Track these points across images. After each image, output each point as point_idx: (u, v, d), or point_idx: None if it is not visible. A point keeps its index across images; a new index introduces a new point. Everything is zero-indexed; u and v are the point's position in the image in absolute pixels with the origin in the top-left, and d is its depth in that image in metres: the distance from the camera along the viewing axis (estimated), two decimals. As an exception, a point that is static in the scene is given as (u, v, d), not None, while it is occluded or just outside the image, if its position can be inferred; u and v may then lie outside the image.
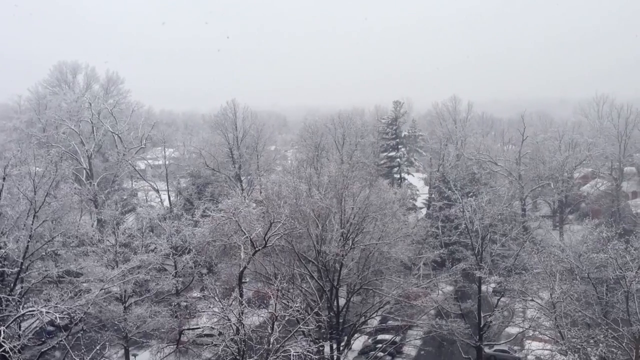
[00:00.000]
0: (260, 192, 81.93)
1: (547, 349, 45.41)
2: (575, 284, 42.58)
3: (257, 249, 42.45)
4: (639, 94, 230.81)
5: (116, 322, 45.33)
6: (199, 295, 56.56)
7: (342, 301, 49.07)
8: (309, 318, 36.15)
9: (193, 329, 47.63)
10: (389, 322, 57.25)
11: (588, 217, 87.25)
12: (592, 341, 37.53)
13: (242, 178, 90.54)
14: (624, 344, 38.51)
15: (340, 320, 47.50)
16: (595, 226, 48.94)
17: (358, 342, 54.55)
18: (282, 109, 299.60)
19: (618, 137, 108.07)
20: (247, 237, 42.06)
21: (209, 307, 37.33)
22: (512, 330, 52.19)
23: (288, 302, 37.95)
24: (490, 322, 49.00)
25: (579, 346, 36.92)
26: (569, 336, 37.95)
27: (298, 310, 34.22)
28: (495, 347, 53.17)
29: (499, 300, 50.10)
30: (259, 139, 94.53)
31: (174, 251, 52.97)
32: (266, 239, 42.16)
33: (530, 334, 51.06)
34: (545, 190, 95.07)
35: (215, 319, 36.79)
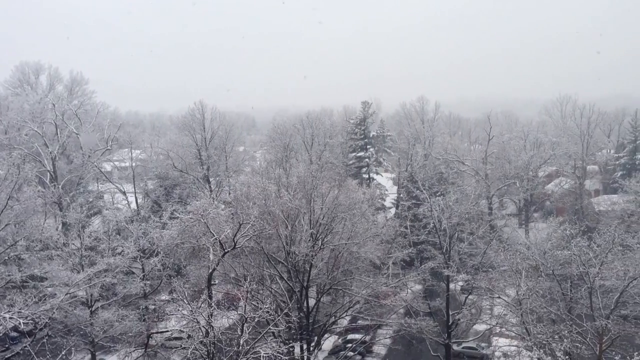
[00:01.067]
0: (229, 194, 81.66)
1: (513, 345, 46.10)
2: (541, 280, 43.33)
3: (226, 250, 42.20)
4: (601, 94, 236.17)
5: (82, 327, 44.57)
6: (167, 298, 55.90)
7: (312, 301, 49.05)
8: (278, 319, 36.01)
9: (161, 332, 47.09)
10: (359, 321, 57.41)
11: (552, 215, 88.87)
12: (557, 337, 38.24)
13: (211, 179, 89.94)
14: (587, 339, 39.32)
15: (310, 321, 47.49)
16: (560, 224, 49.84)
17: (328, 342, 54.64)
18: (251, 110, 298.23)
19: (581, 136, 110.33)
20: (216, 238, 41.79)
21: (178, 309, 36.97)
22: (480, 327, 52.86)
23: (258, 303, 37.84)
24: (459, 319, 49.51)
25: (544, 342, 37.55)
26: (534, 332, 38.59)
27: (268, 312, 34.11)
28: (464, 345, 53.77)
29: (466, 298, 50.66)
30: (227, 140, 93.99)
31: (141, 254, 52.35)
32: (235, 241, 41.93)
33: (498, 331, 51.74)
34: (511, 189, 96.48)
35: (184, 322, 36.41)
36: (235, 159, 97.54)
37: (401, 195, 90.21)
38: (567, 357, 36.98)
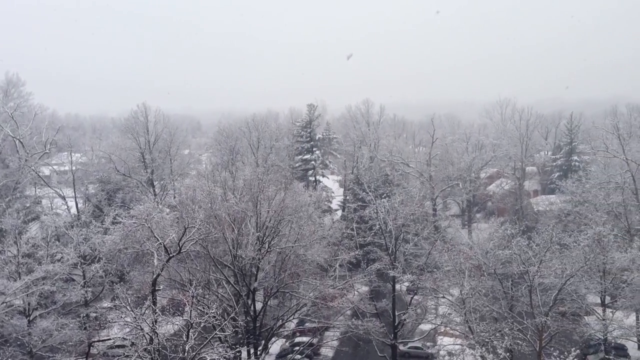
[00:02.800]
0: (174, 197, 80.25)
1: (457, 344, 47.06)
2: (483, 280, 44.42)
3: (171, 255, 41.54)
4: (539, 97, 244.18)
5: (20, 337, 43.05)
6: (109, 305, 54.53)
7: (259, 305, 48.77)
8: (225, 324, 35.66)
9: (103, 340, 46.00)
10: (306, 324, 57.47)
11: (494, 215, 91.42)
12: (498, 334, 39.27)
13: (155, 183, 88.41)
14: (528, 336, 40.54)
15: (257, 325, 47.20)
16: (501, 224, 51.22)
17: (275, 346, 54.42)
18: (196, 112, 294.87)
19: (520, 138, 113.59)
20: (160, 243, 41.08)
21: (121, 317, 36.16)
22: (425, 327, 53.68)
23: (204, 308, 37.37)
24: (405, 320, 50.17)
25: (486, 340, 38.47)
26: (477, 330, 39.52)
27: (214, 316, 33.78)
28: (409, 344, 54.48)
29: (412, 298, 51.42)
30: (172, 143, 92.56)
31: (82, 260, 50.97)
32: (180, 245, 41.33)
33: (442, 330, 52.77)
34: (454, 190, 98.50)
35: (127, 329, 35.67)
36: (181, 162, 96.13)
37: (347, 197, 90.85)
38: (508, 353, 37.96)
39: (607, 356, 49.26)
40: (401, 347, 52.87)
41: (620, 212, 64.46)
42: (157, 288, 44.13)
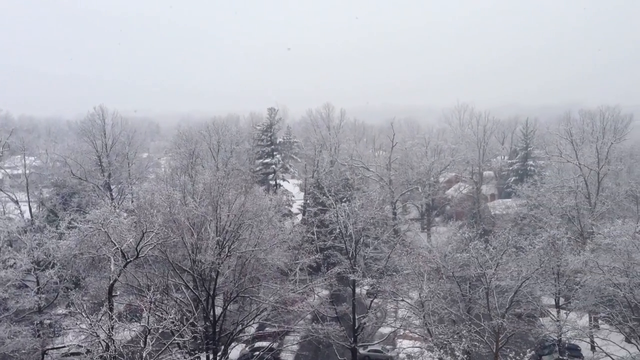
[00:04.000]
0: (132, 201, 79.08)
1: (416, 347, 47.47)
2: (442, 282, 44.93)
3: (128, 260, 40.83)
4: (496, 102, 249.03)
5: (-31, 346, 41.72)
6: (64, 312, 53.44)
7: (218, 310, 48.36)
8: (184, 329, 35.24)
9: (58, 348, 44.92)
10: (267, 328, 57.23)
11: (452, 219, 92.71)
12: (457, 336, 39.77)
13: (112, 187, 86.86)
14: (485, 338, 41.20)
15: (217, 330, 46.77)
16: (459, 227, 52.02)
17: (235, 351, 54.02)
18: (155, 115, 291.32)
19: (477, 143, 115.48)
20: (117, 248, 40.35)
21: (76, 323, 35.40)
22: (385, 330, 54.08)
23: (162, 314, 36.88)
24: (364, 323, 50.40)
25: (445, 342, 38.93)
26: (436, 333, 39.96)
27: (172, 322, 33.34)
28: (369, 348, 54.75)
29: (372, 301, 51.68)
30: (130, 146, 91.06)
31: (35, 266, 49.69)
32: (138, 250, 40.65)
33: (402, 333, 53.17)
34: (413, 194, 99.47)
35: (83, 336, 34.94)
36: (139, 165, 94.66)
37: (308, 201, 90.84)
38: (466, 355, 38.49)
39: (561, 357, 50.43)
40: (361, 351, 53.08)
41: (573, 216, 66.14)
42: (113, 294, 43.28)
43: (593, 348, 52.90)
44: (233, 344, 49.56)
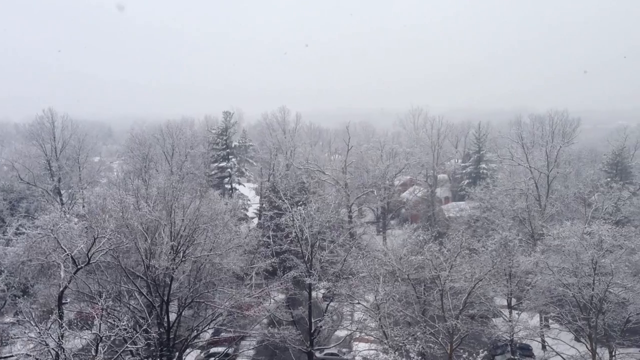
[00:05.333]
0: (83, 206, 77.32)
1: (372, 349, 47.69)
2: (397, 285, 45.28)
3: (79, 266, 39.90)
4: (449, 107, 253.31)
5: None
6: (12, 320, 51.73)
7: (173, 316, 47.64)
8: (137, 336, 34.59)
9: (5, 357, 43.36)
10: (222, 334, 56.68)
11: (407, 221, 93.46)
12: (412, 338, 40.14)
13: (63, 192, 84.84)
14: (439, 339, 41.70)
15: (171, 336, 46.04)
16: (414, 230, 52.52)
17: (190, 358, 53.33)
18: (106, 118, 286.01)
19: (432, 147, 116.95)
20: (67, 254, 39.39)
21: (24, 332, 34.38)
22: (341, 333, 54.19)
23: (114, 321, 36.14)
24: (321, 327, 50.40)
25: (400, 344, 39.24)
26: (392, 335, 40.22)
27: (125, 329, 32.69)
28: (326, 351, 54.79)
29: (328, 305, 51.71)
30: (81, 150, 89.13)
31: (-19, 273, 48.02)
32: (89, 256, 39.77)
33: (358, 336, 53.33)
34: (369, 197, 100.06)
35: (32, 345, 33.84)
36: (90, 170, 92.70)
37: (263, 205, 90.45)
38: (420, 357, 38.86)
39: (513, 356, 51.44)
40: (317, 354, 53.06)
41: (524, 218, 67.63)
42: (64, 301, 42.19)
43: (544, 347, 54.18)
44: (188, 350, 48.92)
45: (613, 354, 43.85)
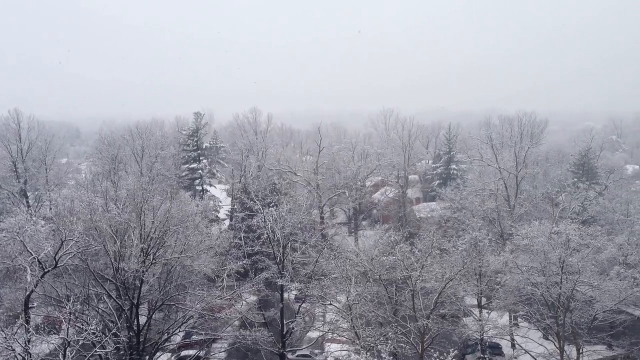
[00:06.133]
0: (50, 209, 76.09)
1: (344, 350, 47.75)
2: (369, 286, 45.39)
3: (46, 270, 39.16)
4: (420, 108, 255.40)
5: None
6: (-23, 326, 50.58)
7: (143, 319, 47.07)
8: (106, 340, 34.06)
9: (-30, 364, 42.39)
10: (193, 337, 56.21)
11: (379, 222, 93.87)
12: (383, 339, 40.24)
13: (29, 194, 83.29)
14: (411, 339, 41.91)
15: (142, 340, 45.49)
16: (386, 231, 52.72)
17: (161, 361, 52.74)
18: (74, 120, 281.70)
19: (403, 148, 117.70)
20: (34, 258, 38.63)
21: (-10, 338, 33.51)
22: (314, 334, 54.14)
23: (83, 325, 35.55)
24: (293, 328, 50.29)
25: (372, 345, 39.31)
26: (364, 336, 40.28)
27: (94, 333, 32.17)
28: (298, 353, 54.67)
29: (300, 306, 51.63)
30: (48, 152, 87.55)
31: (-55, 278, 46.88)
32: (57, 259, 39.06)
33: (330, 337, 53.36)
34: (341, 198, 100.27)
35: (-3, 351, 33.12)
36: (58, 171, 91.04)
37: (235, 206, 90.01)
38: (392, 357, 38.97)
39: (483, 355, 51.99)
40: (290, 356, 52.91)
41: (494, 218, 68.48)
42: (30, 306, 41.39)
43: (513, 346, 54.85)
44: (158, 354, 48.32)
45: (581, 351, 44.57)
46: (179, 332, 50.69)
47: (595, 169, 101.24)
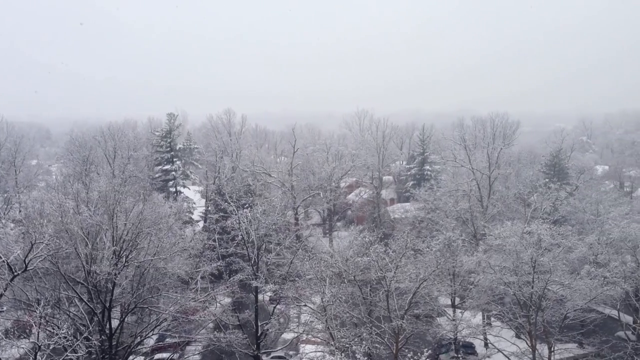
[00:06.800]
0: (20, 211, 74.77)
1: (319, 351, 47.76)
2: (344, 286, 45.45)
3: (15, 273, 38.37)
4: (394, 109, 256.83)
5: None
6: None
7: (115, 322, 46.48)
8: (77, 344, 33.51)
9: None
10: (167, 339, 55.69)
11: (353, 223, 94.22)
12: (358, 339, 40.33)
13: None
14: (385, 339, 42.07)
15: (114, 343, 44.91)
16: (360, 232, 52.78)
17: (134, 364, 52.14)
18: (45, 121, 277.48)
19: (377, 149, 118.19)
20: (3, 260, 37.82)
21: (-43, 343, 32.82)
22: (288, 335, 54.04)
23: (53, 329, 34.96)
24: (267, 330, 50.14)
25: (347, 345, 39.37)
26: (338, 336, 40.30)
27: (65, 337, 31.63)
28: (273, 354, 54.52)
29: (275, 307, 51.50)
30: (17, 153, 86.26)
31: None
32: (27, 262, 38.27)
33: (305, 338, 53.28)
34: (315, 199, 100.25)
35: (-36, 357, 32.45)
36: (27, 173, 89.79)
37: (209, 208, 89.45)
38: (366, 358, 39.10)
39: (456, 355, 52.45)
40: (264, 358, 52.77)
41: (467, 218, 69.10)
42: (0, 309, 40.64)
43: (486, 345, 55.43)
44: (131, 357, 47.74)
45: (552, 349, 45.21)
46: (152, 335, 50.12)
47: (565, 170, 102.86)
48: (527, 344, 45.64)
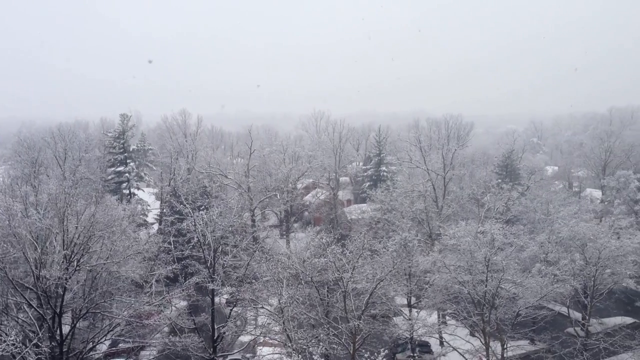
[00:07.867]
0: (-35, 215, 72.16)
1: (276, 353, 47.56)
2: (301, 288, 45.36)
3: (-40, 279, 37.04)
4: (351, 110, 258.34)
5: None
6: None
7: (66, 328, 45.24)
8: (26, 351, 32.53)
9: None
10: (120, 345, 54.59)
11: (311, 224, 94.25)
12: (315, 340, 40.29)
13: (-59, 199, 78.60)
14: (343, 340, 42.12)
15: (65, 350, 43.68)
16: (317, 233, 52.79)
17: (86, 371, 50.88)
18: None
19: (334, 150, 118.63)
20: (-54, 266, 36.46)
21: None
22: (245, 338, 53.57)
23: (1, 336, 33.82)
24: (224, 332, 49.60)
25: (304, 347, 39.28)
26: (295, 338, 40.19)
27: (13, 344, 30.69)
28: (229, 357, 53.96)
29: (231, 310, 51.01)
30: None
31: None
32: (-28, 268, 37.01)
33: (262, 340, 53.01)
34: (272, 201, 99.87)
35: None
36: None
37: (164, 210, 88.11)
38: (324, 359, 39.11)
39: (413, 354, 52.92)
40: (221, 361, 52.23)
41: (423, 219, 69.84)
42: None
43: (442, 343, 56.12)
44: (83, 364, 46.61)
45: (505, 346, 46.00)
46: (105, 340, 49.00)
47: (517, 170, 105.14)
48: (481, 341, 46.35)
